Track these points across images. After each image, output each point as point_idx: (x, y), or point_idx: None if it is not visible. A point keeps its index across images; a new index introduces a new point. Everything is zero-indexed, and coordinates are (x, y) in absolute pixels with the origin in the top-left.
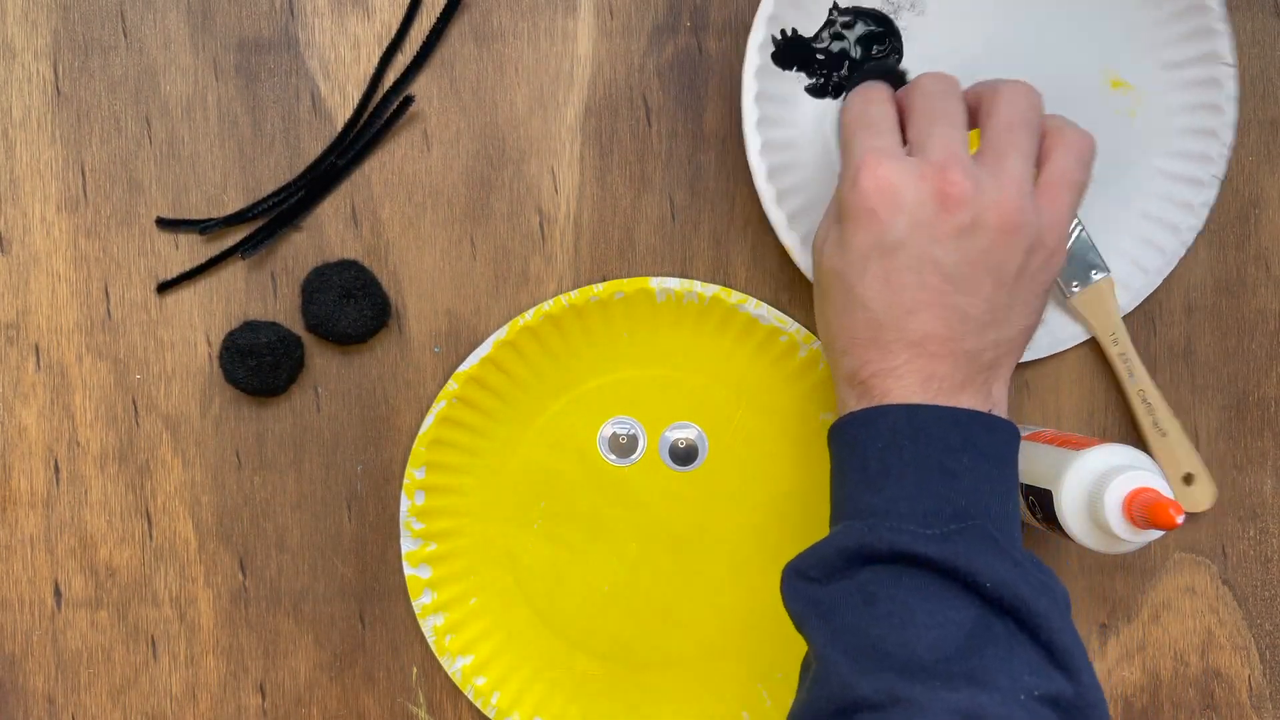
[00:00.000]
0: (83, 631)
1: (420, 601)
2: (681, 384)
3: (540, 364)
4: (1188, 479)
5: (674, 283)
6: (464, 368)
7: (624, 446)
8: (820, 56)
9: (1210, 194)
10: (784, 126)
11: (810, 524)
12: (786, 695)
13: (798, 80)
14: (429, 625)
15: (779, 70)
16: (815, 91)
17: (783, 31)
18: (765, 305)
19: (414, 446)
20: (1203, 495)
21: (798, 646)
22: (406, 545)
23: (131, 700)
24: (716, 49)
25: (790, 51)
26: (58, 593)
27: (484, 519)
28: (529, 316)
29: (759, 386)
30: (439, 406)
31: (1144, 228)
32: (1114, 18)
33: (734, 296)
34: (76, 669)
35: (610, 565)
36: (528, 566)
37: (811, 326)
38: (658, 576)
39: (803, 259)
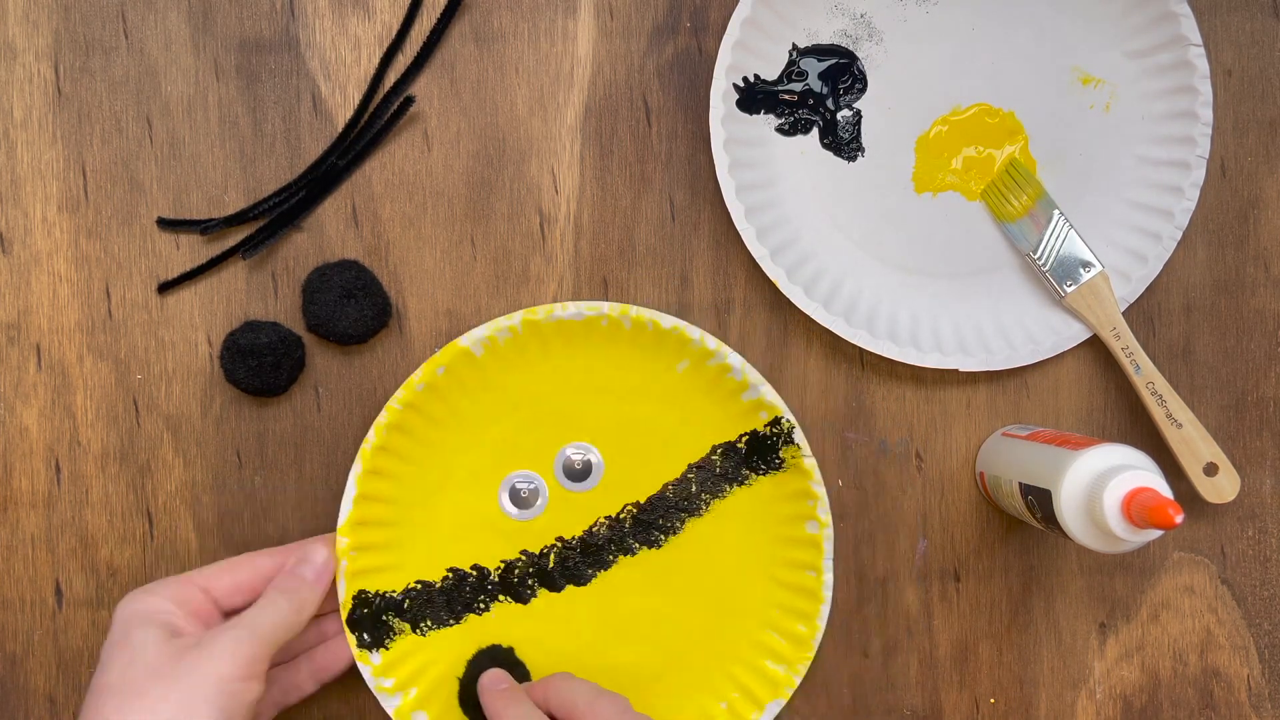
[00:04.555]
0: (84, 631)
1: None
2: (543, 414)
3: (407, 473)
4: (1210, 469)
5: (481, 330)
6: (344, 516)
7: (527, 499)
8: (785, 98)
9: (1199, 174)
10: (758, 167)
11: (721, 466)
12: (789, 649)
13: (766, 122)
14: None
15: (746, 115)
16: (786, 131)
17: (744, 79)
18: (572, 304)
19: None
20: (1228, 485)
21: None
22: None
23: None
24: (716, 50)
25: (754, 97)
26: (59, 592)
27: (441, 641)
28: (372, 438)
29: (611, 375)
30: (343, 565)
31: (1135, 217)
32: (1073, 16)
33: (540, 311)
34: (78, 668)
35: (582, 606)
36: (510, 647)
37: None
38: (632, 591)
39: (788, 290)
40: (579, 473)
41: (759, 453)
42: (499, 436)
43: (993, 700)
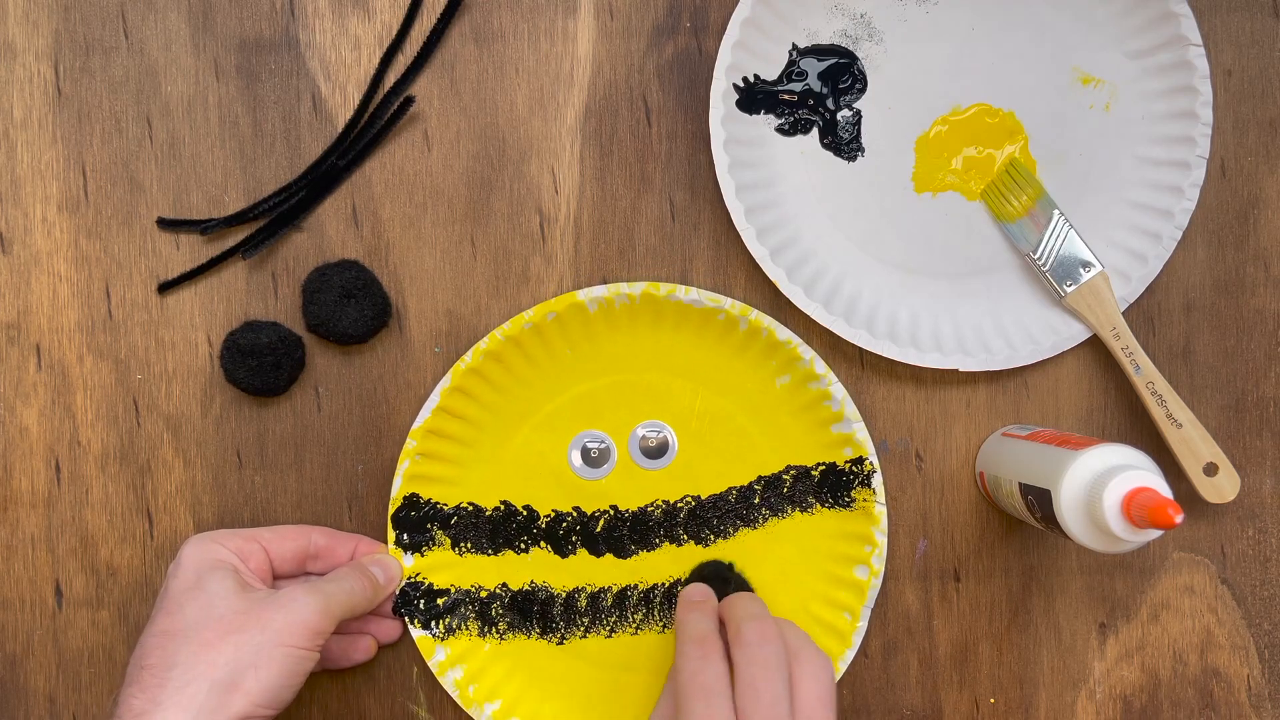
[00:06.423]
0: (84, 631)
1: (435, 660)
2: (635, 385)
3: (492, 401)
4: (1210, 469)
5: (601, 290)
6: (419, 421)
7: (595, 459)
8: (785, 98)
9: (1199, 174)
10: (758, 167)
11: (790, 487)
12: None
13: (766, 122)
14: (449, 680)
15: (746, 115)
16: (785, 131)
17: (744, 79)
18: (695, 290)
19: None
20: (1227, 485)
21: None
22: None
23: None
24: (716, 50)
25: (754, 97)
26: (59, 592)
27: (475, 566)
28: (469, 359)
29: (711, 368)
30: (404, 465)
31: (1135, 217)
32: (1074, 16)
33: (663, 289)
34: (77, 668)
35: (616, 577)
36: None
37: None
38: (667, 579)
39: (788, 290)
40: (652, 450)
41: (831, 486)
42: (586, 393)
43: (993, 700)
